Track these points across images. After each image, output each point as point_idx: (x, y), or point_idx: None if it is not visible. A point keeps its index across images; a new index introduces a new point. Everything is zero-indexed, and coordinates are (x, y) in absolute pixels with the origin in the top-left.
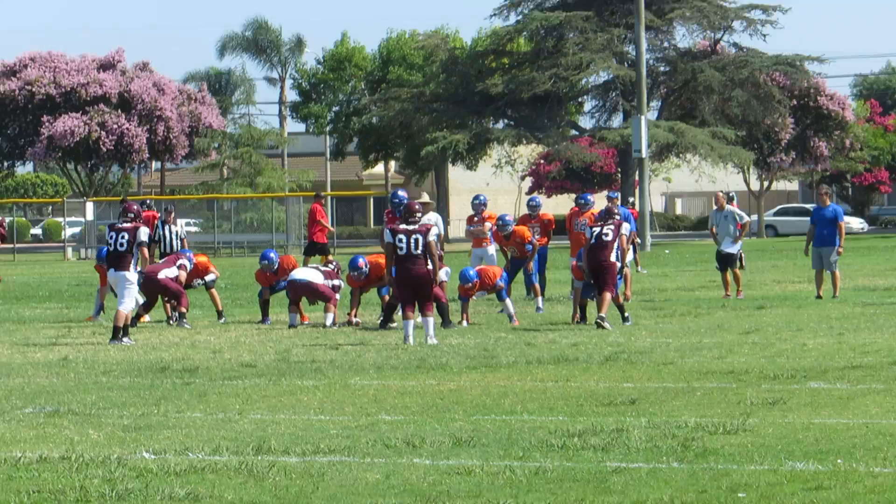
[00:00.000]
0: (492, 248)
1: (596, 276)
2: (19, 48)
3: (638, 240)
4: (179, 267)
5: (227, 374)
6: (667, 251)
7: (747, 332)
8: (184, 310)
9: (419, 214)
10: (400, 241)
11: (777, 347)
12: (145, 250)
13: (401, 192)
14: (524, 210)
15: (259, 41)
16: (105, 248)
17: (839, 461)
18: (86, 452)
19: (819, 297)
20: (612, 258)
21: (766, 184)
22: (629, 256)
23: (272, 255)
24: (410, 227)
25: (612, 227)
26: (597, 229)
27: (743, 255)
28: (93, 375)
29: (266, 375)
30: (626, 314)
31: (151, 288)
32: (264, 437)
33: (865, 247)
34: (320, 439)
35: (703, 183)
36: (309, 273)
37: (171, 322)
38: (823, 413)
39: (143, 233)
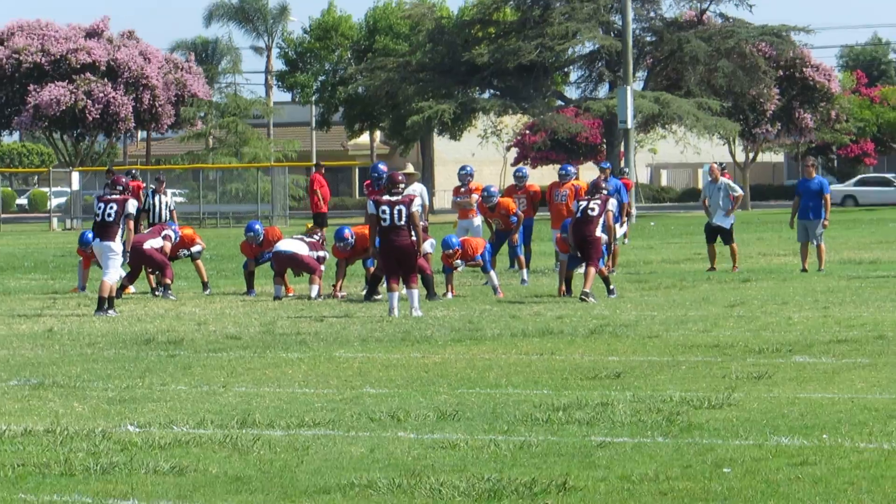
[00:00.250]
0: (477, 220)
1: (581, 250)
2: (5, 17)
3: (633, 210)
4: (164, 238)
5: (211, 347)
6: (652, 223)
7: (732, 305)
8: (168, 281)
9: (402, 185)
10: (383, 212)
11: (762, 321)
12: (132, 223)
13: (381, 165)
14: (510, 181)
15: (246, 9)
16: (87, 233)
17: (824, 436)
18: (70, 425)
19: (804, 270)
20: (598, 233)
21: (751, 155)
22: (622, 229)
23: (257, 226)
24: (394, 198)
25: (598, 201)
26: (583, 203)
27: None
28: (77, 347)
29: (251, 348)
30: (612, 287)
31: (136, 258)
32: (249, 410)
33: (851, 220)
34: (305, 412)
35: (688, 154)
36: (294, 244)
37: (155, 293)
38: (808, 388)
39: (132, 205)
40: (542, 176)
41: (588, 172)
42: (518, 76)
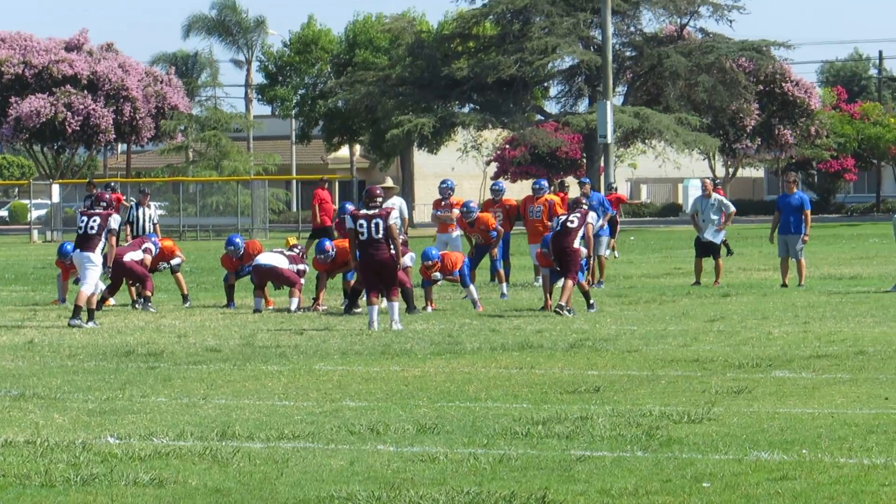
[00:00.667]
0: (457, 233)
1: (560, 262)
2: None
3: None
4: (145, 251)
5: (191, 359)
6: (632, 238)
7: (712, 319)
8: (149, 293)
9: (380, 199)
10: (361, 225)
11: (742, 336)
12: (113, 239)
13: (348, 205)
14: (489, 195)
15: (225, 22)
16: (66, 245)
17: (804, 451)
18: (51, 437)
19: (784, 285)
20: (576, 244)
21: (731, 171)
22: (605, 243)
23: (237, 240)
24: (371, 212)
25: (578, 214)
26: (563, 217)
27: (727, 242)
28: (58, 359)
29: (231, 360)
30: (591, 301)
31: (116, 271)
32: (229, 423)
33: (831, 235)
34: (284, 425)
35: (667, 169)
36: (274, 258)
37: (136, 306)
38: (788, 402)
39: (115, 220)
40: (521, 190)
41: (573, 189)
42: (498, 90)
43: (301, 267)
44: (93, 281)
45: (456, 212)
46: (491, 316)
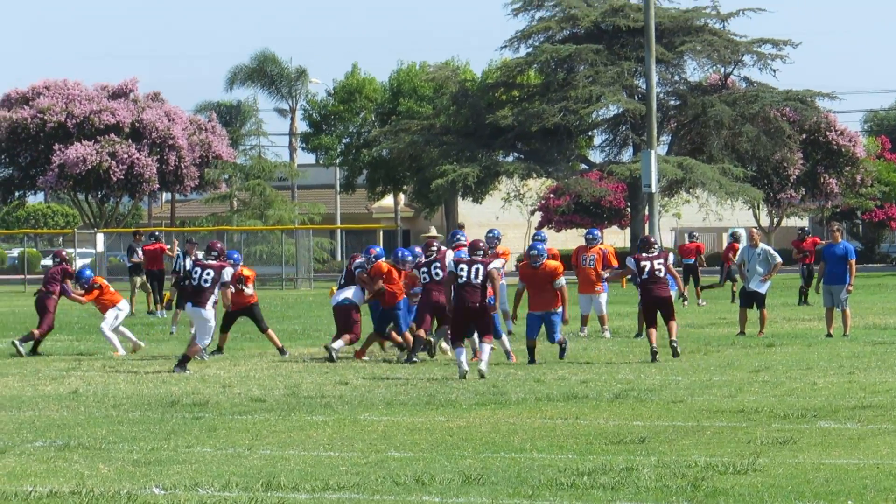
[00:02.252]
0: (503, 282)
1: (660, 309)
2: (34, 77)
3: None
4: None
5: (236, 409)
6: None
7: (757, 370)
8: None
9: (481, 252)
10: (461, 269)
11: (787, 386)
12: (228, 291)
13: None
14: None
15: (268, 72)
16: (85, 269)
17: (849, 502)
18: (96, 487)
19: (829, 335)
20: (670, 291)
21: (776, 220)
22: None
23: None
24: (473, 258)
25: (660, 260)
26: (646, 265)
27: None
28: (103, 409)
29: (276, 410)
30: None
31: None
32: (274, 473)
33: (876, 284)
34: (330, 476)
35: (712, 219)
36: (349, 292)
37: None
38: (834, 453)
39: (228, 273)
40: (566, 240)
41: (612, 237)
42: (542, 139)
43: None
44: (207, 336)
45: (502, 261)
46: (536, 365)
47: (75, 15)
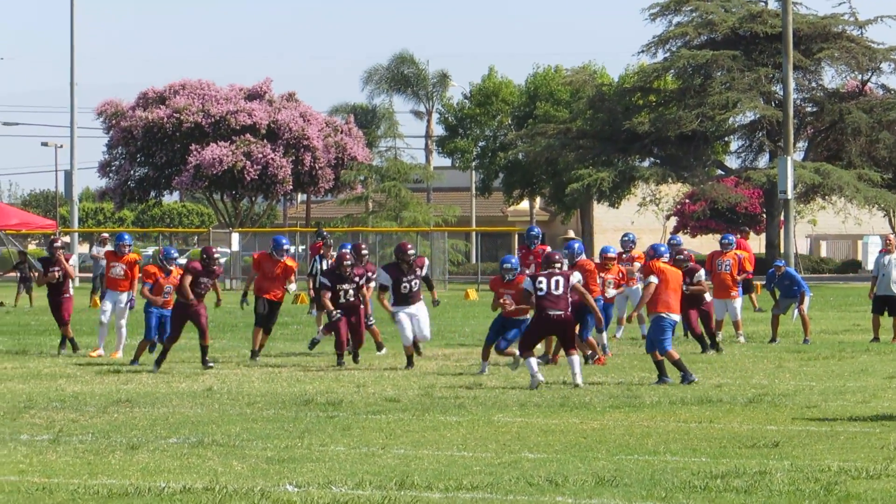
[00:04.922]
0: (639, 285)
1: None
2: (170, 77)
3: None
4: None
5: (370, 409)
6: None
7: (891, 376)
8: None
9: (558, 265)
10: (539, 282)
11: None
12: (383, 296)
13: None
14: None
15: (405, 74)
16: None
17: None
18: (229, 484)
19: None
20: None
21: None
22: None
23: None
24: (550, 271)
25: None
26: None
27: None
28: (237, 406)
29: (409, 410)
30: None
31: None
32: (407, 472)
33: None
34: (463, 475)
35: (848, 225)
36: None
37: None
38: None
39: (384, 277)
40: (700, 245)
41: (749, 242)
42: (678, 145)
43: None
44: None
45: (637, 265)
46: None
47: (208, 13)
